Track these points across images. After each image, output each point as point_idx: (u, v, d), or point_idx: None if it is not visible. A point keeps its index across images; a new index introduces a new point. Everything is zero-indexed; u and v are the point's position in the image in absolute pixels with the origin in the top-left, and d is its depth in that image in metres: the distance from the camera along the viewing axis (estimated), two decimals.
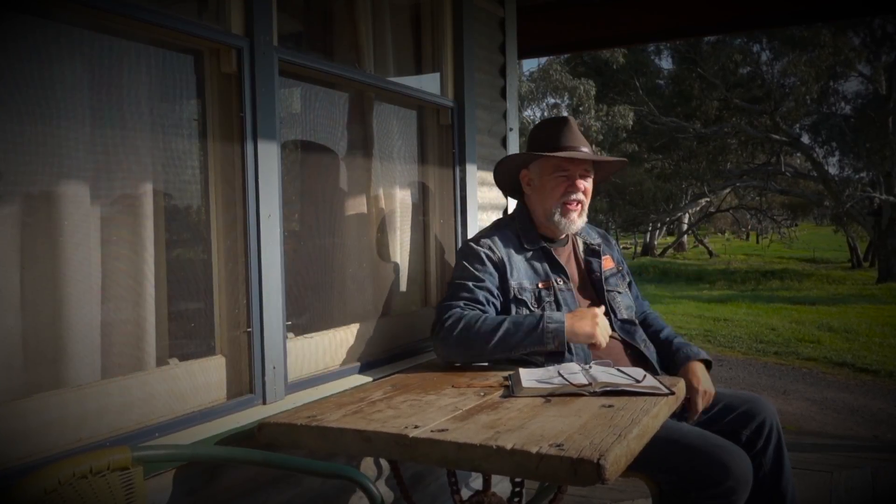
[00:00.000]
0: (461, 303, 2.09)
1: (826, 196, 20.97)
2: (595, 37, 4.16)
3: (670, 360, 2.23)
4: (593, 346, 2.04)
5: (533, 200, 2.31)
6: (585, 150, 2.25)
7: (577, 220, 2.26)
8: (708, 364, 2.19)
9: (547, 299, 2.15)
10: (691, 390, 2.09)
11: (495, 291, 2.14)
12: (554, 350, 2.00)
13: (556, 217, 2.24)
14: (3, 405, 1.33)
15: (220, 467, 1.66)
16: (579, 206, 2.25)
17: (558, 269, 2.23)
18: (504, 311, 2.14)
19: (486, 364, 2.27)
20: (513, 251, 2.22)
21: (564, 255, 2.30)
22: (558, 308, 2.14)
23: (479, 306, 2.09)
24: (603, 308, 2.10)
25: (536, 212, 2.30)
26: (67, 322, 1.46)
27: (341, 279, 2.36)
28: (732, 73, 21.07)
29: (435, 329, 2.10)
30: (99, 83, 1.55)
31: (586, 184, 2.27)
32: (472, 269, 2.16)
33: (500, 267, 2.17)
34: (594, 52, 21.14)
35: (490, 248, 2.19)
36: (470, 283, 2.12)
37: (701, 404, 2.09)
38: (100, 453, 1.32)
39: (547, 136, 2.28)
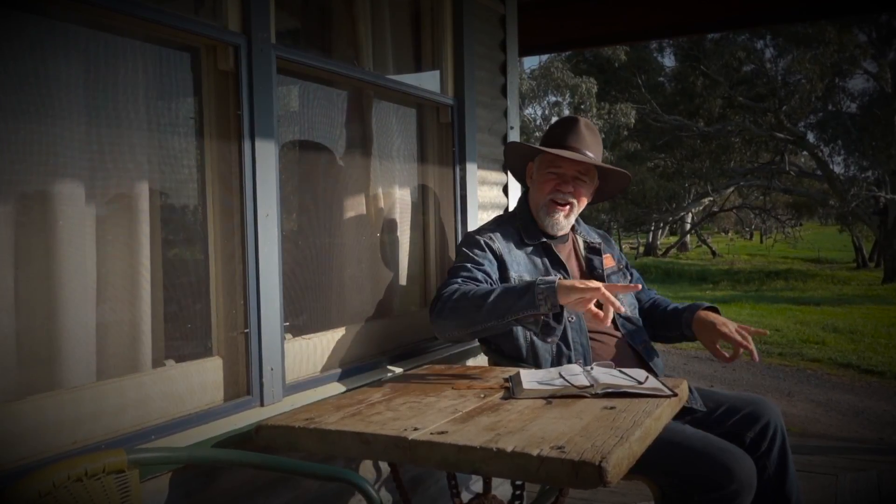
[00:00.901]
0: (459, 280, 2.08)
1: (831, 195, 20.97)
2: (596, 34, 4.16)
3: (679, 320, 2.23)
4: (592, 314, 1.83)
5: (531, 195, 2.35)
6: (590, 154, 2.24)
7: (562, 221, 2.26)
8: (717, 311, 2.18)
9: None
10: (721, 336, 2.06)
11: (494, 275, 2.15)
12: (547, 312, 1.87)
13: (542, 213, 2.26)
14: None
15: (217, 470, 1.66)
16: (567, 207, 2.24)
17: (558, 264, 2.24)
18: None
19: (486, 365, 2.27)
20: (513, 245, 2.24)
21: (565, 252, 2.32)
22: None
23: (477, 283, 2.07)
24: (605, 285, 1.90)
25: (532, 207, 2.33)
26: (62, 323, 1.46)
27: (340, 279, 2.36)
28: (736, 71, 21.08)
29: (431, 306, 2.06)
30: (94, 81, 1.55)
31: (579, 188, 2.25)
32: (471, 254, 2.17)
33: (500, 258, 2.19)
34: (596, 50, 21.14)
35: (490, 238, 2.22)
36: (468, 265, 2.13)
37: (743, 340, 2.01)
38: (95, 456, 1.32)
39: (553, 134, 2.30)
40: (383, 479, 2.24)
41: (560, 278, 1.91)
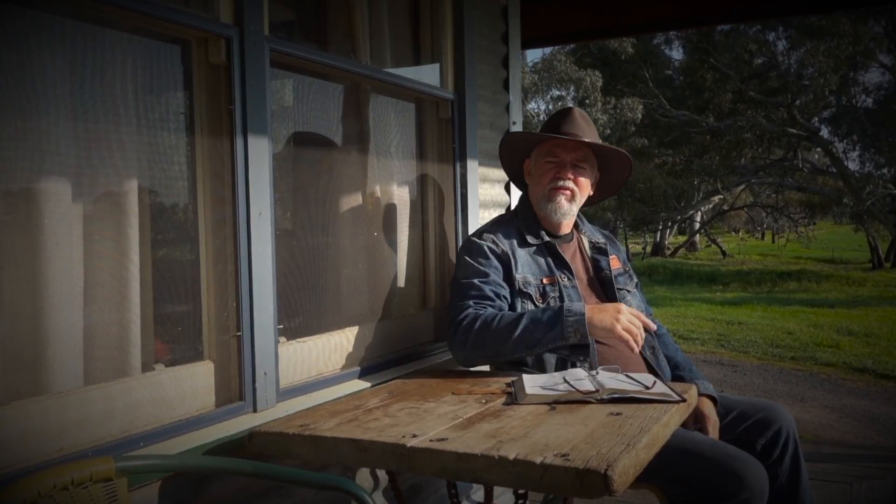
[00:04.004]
0: (471, 301, 2.10)
1: (845, 193, 20.96)
2: (602, 26, 4.15)
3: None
4: (623, 343, 1.97)
5: (531, 190, 2.36)
6: (587, 140, 2.26)
7: (565, 205, 2.26)
8: (714, 401, 2.16)
9: (552, 294, 2.17)
10: (703, 431, 2.07)
11: (503, 285, 2.16)
12: (577, 343, 2.00)
13: (543, 202, 2.27)
14: None
15: (209, 478, 1.66)
16: (568, 192, 2.26)
17: (563, 264, 2.25)
18: (510, 305, 2.16)
19: (487, 369, 2.27)
20: (516, 245, 2.25)
21: (569, 252, 2.32)
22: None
23: (489, 303, 2.11)
24: (628, 307, 2.04)
25: (533, 203, 2.34)
26: (48, 326, 1.47)
27: (336, 280, 2.36)
28: (747, 64, 21.07)
29: (449, 333, 2.12)
30: (81, 75, 1.56)
31: (578, 175, 2.27)
32: (475, 264, 2.18)
33: (505, 259, 2.19)
34: (601, 42, 21.14)
35: (493, 242, 2.22)
36: (476, 280, 2.14)
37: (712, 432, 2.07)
38: (82, 464, 1.32)
39: (548, 125, 2.32)
40: (381, 487, 2.24)
41: (588, 307, 2.01)
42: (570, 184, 2.25)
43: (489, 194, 3.04)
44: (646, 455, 1.42)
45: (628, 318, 1.96)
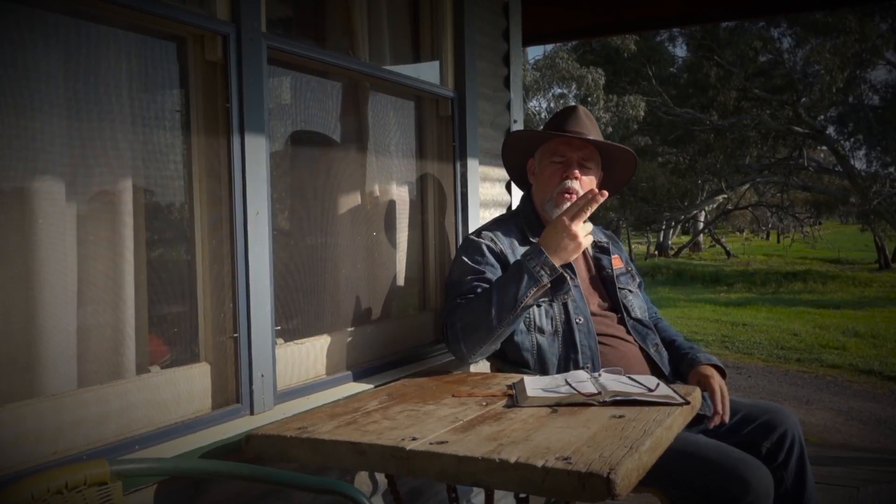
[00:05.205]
0: (459, 300, 2.13)
1: (852, 192, 20.96)
2: (604, 22, 4.16)
3: (681, 364, 2.24)
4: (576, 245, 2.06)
5: (535, 190, 2.37)
6: (592, 138, 2.26)
7: None
8: (721, 372, 2.17)
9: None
10: (708, 389, 2.08)
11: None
12: (553, 279, 2.04)
13: (549, 206, 2.27)
14: None
15: (205, 482, 1.66)
16: (574, 197, 2.26)
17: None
18: None
19: (488, 370, 2.28)
20: (516, 243, 2.25)
21: None
22: (566, 308, 2.17)
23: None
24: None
25: (537, 203, 2.35)
26: (41, 327, 1.46)
27: (334, 281, 2.36)
28: (752, 61, 21.05)
29: (444, 335, 2.15)
30: (75, 72, 1.55)
31: (585, 175, 2.27)
32: (470, 263, 2.19)
33: (503, 258, 2.20)
34: (603, 39, 21.12)
35: (491, 240, 2.24)
36: (468, 278, 2.16)
37: (720, 403, 2.07)
38: (76, 467, 1.32)
39: (552, 123, 2.32)
40: (380, 491, 2.24)
41: (538, 242, 2.08)
42: (576, 185, 2.24)
43: (490, 193, 3.04)
44: (649, 458, 1.42)
45: (570, 222, 2.03)
